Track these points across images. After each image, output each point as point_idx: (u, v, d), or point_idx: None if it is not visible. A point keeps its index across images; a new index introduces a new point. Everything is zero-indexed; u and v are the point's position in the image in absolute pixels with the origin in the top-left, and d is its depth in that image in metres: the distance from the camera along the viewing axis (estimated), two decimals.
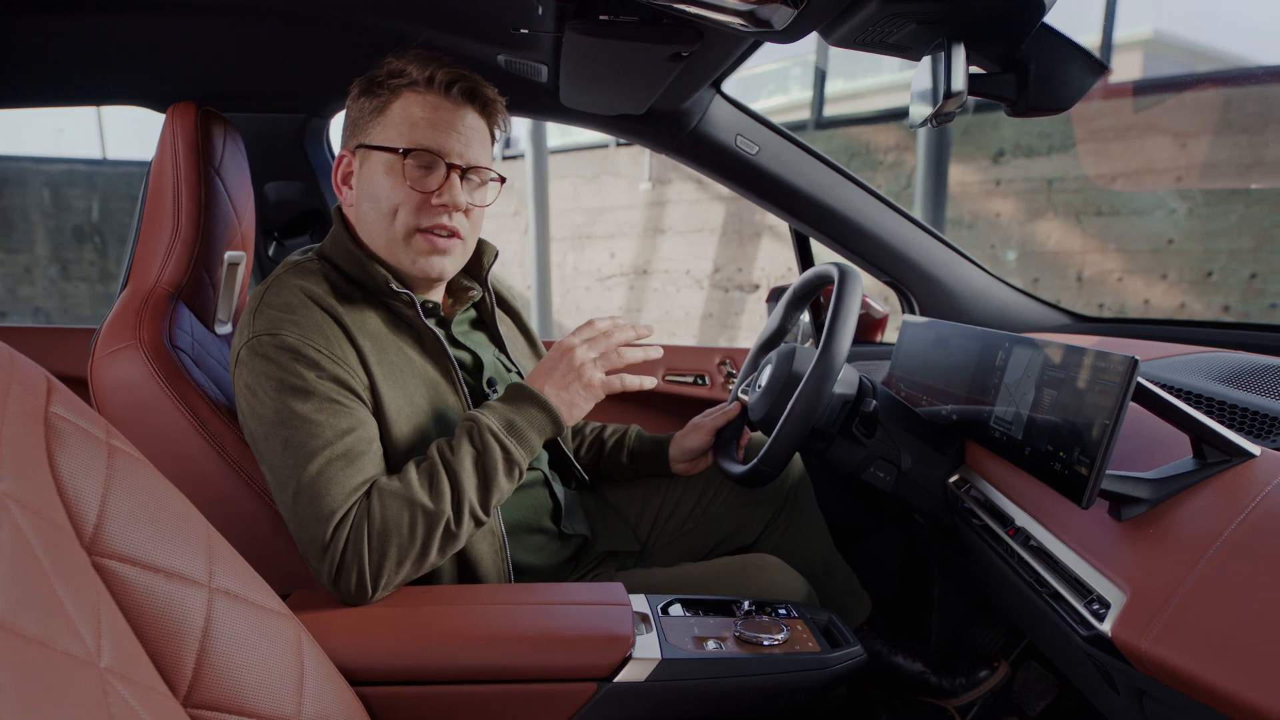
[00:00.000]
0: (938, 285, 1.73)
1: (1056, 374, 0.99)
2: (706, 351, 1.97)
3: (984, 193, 5.47)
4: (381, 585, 0.99)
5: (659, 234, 7.09)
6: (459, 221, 1.15)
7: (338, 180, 1.19)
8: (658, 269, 7.12)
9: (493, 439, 1.05)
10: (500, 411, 1.08)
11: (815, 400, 1.20)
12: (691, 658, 0.93)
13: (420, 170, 1.12)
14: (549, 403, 1.09)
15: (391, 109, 1.12)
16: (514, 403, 1.09)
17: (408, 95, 1.12)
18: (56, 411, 0.72)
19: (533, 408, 1.09)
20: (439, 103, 1.12)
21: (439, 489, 1.01)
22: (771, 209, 1.73)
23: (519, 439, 1.07)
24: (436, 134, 1.11)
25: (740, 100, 1.63)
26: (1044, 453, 0.97)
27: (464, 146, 1.13)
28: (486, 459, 1.04)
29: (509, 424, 1.07)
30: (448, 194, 1.12)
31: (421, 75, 1.11)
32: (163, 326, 1.14)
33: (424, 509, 1.00)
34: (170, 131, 1.21)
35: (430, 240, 1.13)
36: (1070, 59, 1.01)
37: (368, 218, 1.15)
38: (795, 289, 1.48)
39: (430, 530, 1.00)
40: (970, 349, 1.23)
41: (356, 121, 1.16)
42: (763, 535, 1.47)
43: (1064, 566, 0.90)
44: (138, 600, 0.71)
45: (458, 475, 1.02)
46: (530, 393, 1.09)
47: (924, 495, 1.26)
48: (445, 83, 1.12)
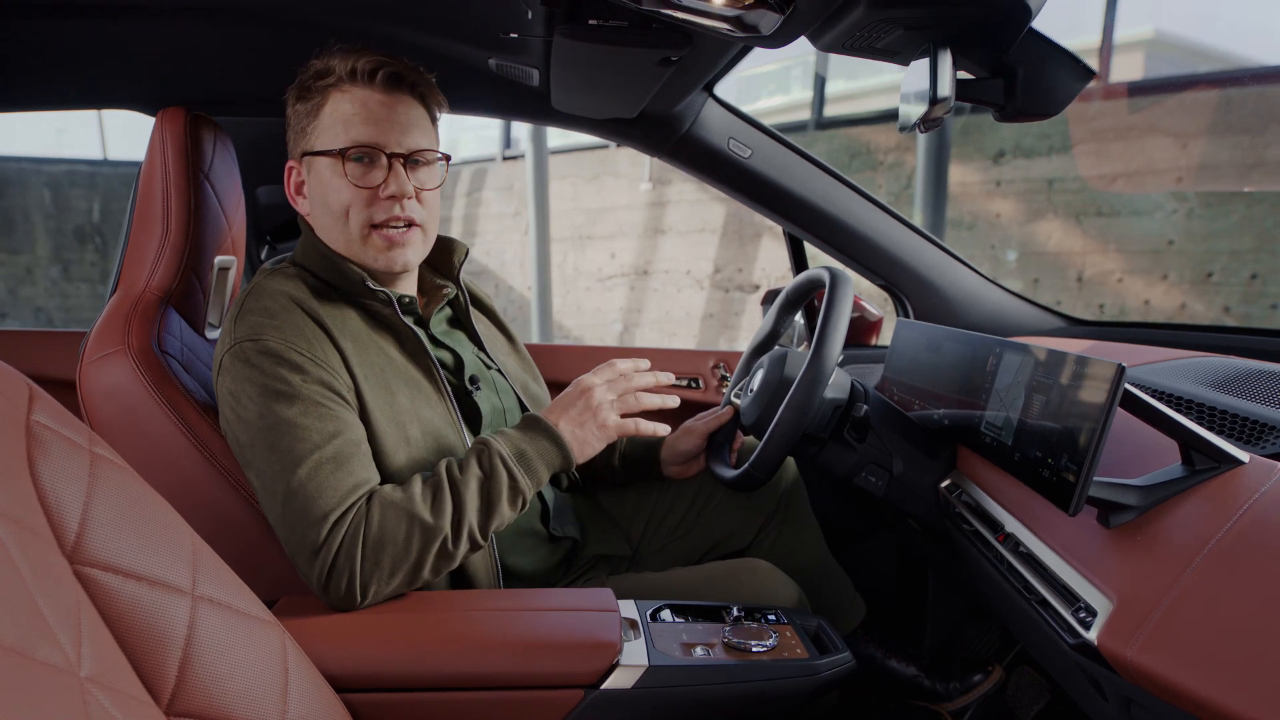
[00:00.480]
0: (931, 288, 1.73)
1: (1045, 379, 0.98)
2: (700, 354, 1.97)
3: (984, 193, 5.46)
4: (371, 594, 0.98)
5: (659, 234, 7.09)
6: (413, 210, 1.14)
7: (290, 191, 1.19)
8: (658, 269, 7.11)
9: (501, 465, 1.05)
10: (513, 439, 1.09)
11: (806, 405, 1.20)
12: (679, 664, 0.93)
13: (362, 167, 1.11)
14: (562, 438, 1.10)
15: (323, 112, 1.12)
16: (527, 432, 1.10)
17: (335, 95, 1.12)
18: (38, 419, 0.72)
19: (545, 440, 1.09)
20: (367, 95, 1.11)
21: (441, 506, 1.01)
22: (765, 212, 1.73)
23: (527, 469, 1.07)
24: (369, 127, 1.11)
25: (741, 101, 1.63)
26: (1033, 459, 0.97)
27: (401, 134, 1.12)
28: (493, 484, 1.04)
29: (519, 453, 1.07)
30: (394, 184, 1.11)
31: (345, 70, 1.11)
32: (151, 332, 1.14)
33: (423, 524, 0.99)
34: (160, 136, 1.21)
35: (387, 236, 1.13)
36: (1058, 64, 1.01)
37: (324, 224, 1.15)
38: (788, 293, 1.48)
39: (426, 546, 1.00)
40: (962, 353, 1.23)
41: (296, 129, 1.16)
42: (756, 539, 1.47)
43: (1052, 574, 0.90)
44: (120, 608, 0.71)
45: (461, 496, 1.02)
46: (545, 425, 1.10)
47: (916, 500, 1.25)
48: (368, 72, 1.11)
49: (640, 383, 1.15)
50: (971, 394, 1.17)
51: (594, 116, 1.56)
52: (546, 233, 6.74)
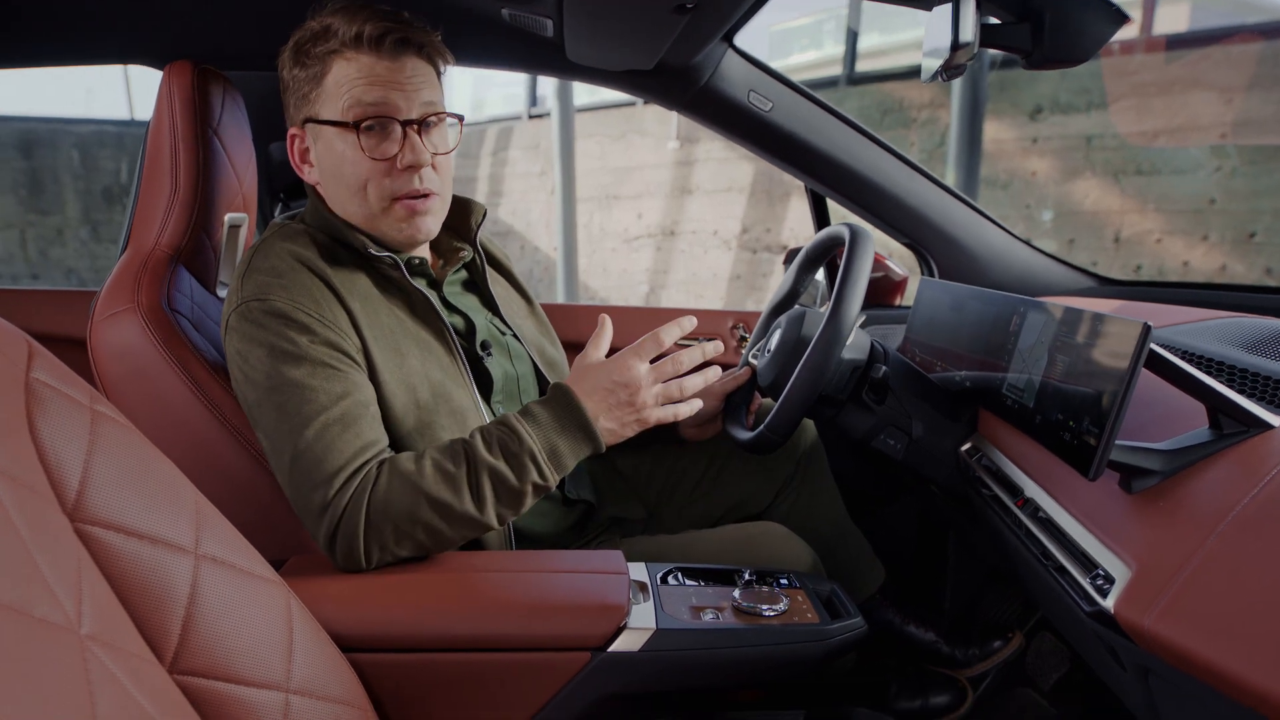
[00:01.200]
0: (957, 247, 1.68)
1: (1068, 340, 0.95)
2: (719, 315, 1.94)
3: (1020, 150, 5.34)
4: (375, 558, 0.98)
5: (686, 194, 7.01)
6: (429, 179, 1.12)
7: (295, 159, 1.15)
8: (685, 230, 7.05)
9: (531, 464, 0.99)
10: (546, 432, 1.01)
11: (823, 365, 1.17)
12: (687, 628, 0.92)
13: (375, 137, 1.08)
14: (596, 433, 1.03)
15: (327, 79, 1.08)
16: (562, 423, 1.02)
17: (338, 61, 1.07)
18: (38, 377, 0.71)
19: (580, 435, 1.02)
20: (373, 60, 1.07)
21: (457, 490, 0.97)
22: (786, 167, 1.69)
23: (557, 465, 1.02)
24: (380, 95, 1.07)
25: (772, 56, 1.59)
26: (1054, 422, 0.94)
27: (411, 98, 1.09)
28: (521, 477, 0.99)
29: (552, 450, 1.01)
30: (410, 154, 1.08)
31: (349, 34, 1.06)
32: (161, 290, 1.13)
33: (431, 501, 0.96)
34: (167, 91, 1.19)
35: (409, 206, 1.11)
36: (1088, 7, 0.96)
37: (339, 196, 1.12)
38: (807, 250, 1.44)
39: (430, 525, 0.97)
40: (985, 313, 1.20)
41: (296, 94, 1.11)
42: (774, 503, 1.45)
43: (1070, 540, 0.87)
44: (122, 566, 0.71)
45: (480, 484, 0.98)
46: (582, 418, 1.02)
47: (935, 464, 1.23)
48: (375, 37, 1.06)
49: (687, 363, 1.08)
50: (994, 355, 1.14)
51: (610, 68, 1.52)
52: (572, 192, 6.69)
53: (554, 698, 0.91)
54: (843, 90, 6.14)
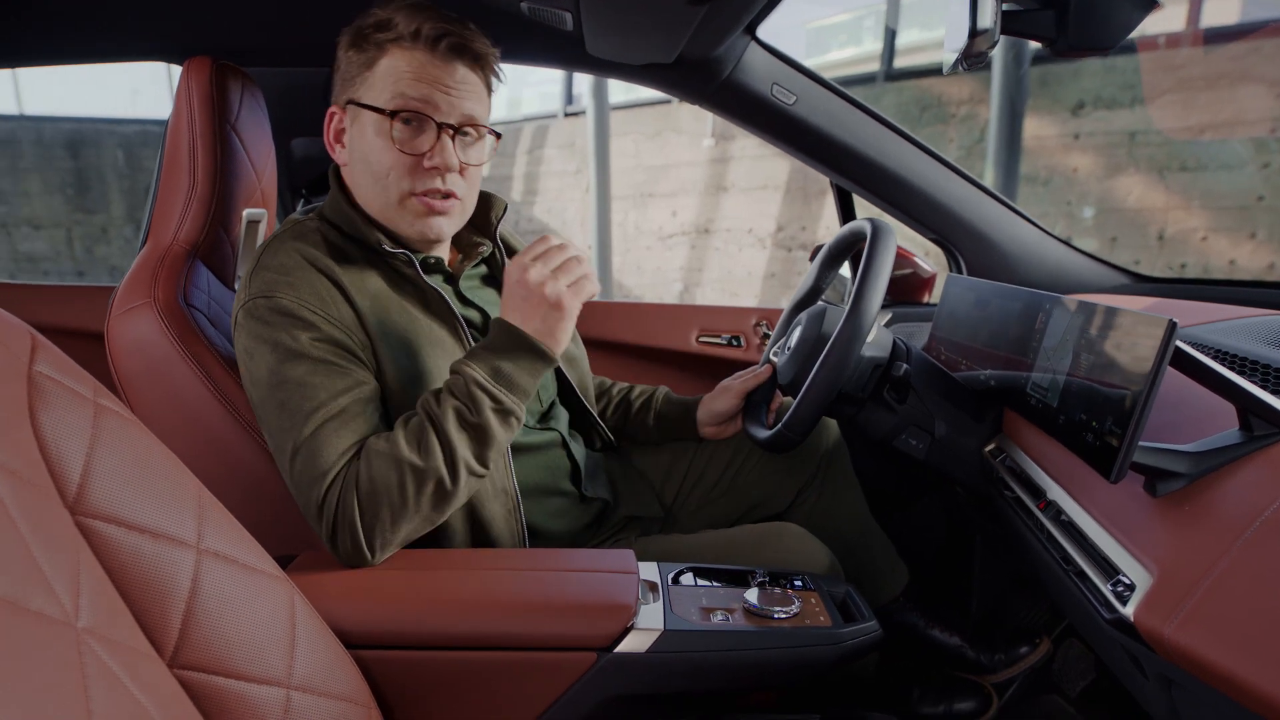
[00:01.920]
0: (987, 243, 1.64)
1: (1093, 338, 0.92)
2: (742, 312, 1.92)
3: (1061, 147, 5.24)
4: (378, 546, 0.97)
5: (721, 191, 6.98)
6: (454, 182, 1.11)
7: (329, 137, 1.16)
8: (720, 227, 7.02)
9: (480, 391, 0.99)
10: (483, 359, 1.01)
11: (842, 363, 1.15)
12: (695, 629, 0.90)
13: (409, 131, 1.08)
14: (531, 338, 1.01)
15: (378, 65, 1.08)
16: (495, 346, 1.02)
17: (394, 51, 1.08)
18: (40, 370, 0.71)
19: (516, 347, 1.01)
20: (427, 59, 1.07)
21: (428, 446, 0.97)
22: (810, 162, 1.66)
23: (508, 385, 1.01)
24: (424, 92, 1.07)
25: (810, 53, 1.56)
26: (1077, 422, 0.91)
27: (454, 104, 1.09)
28: (476, 410, 0.98)
29: (495, 371, 1.00)
30: (439, 155, 1.08)
31: (408, 29, 1.06)
32: (178, 285, 1.14)
33: (412, 467, 0.96)
34: (185, 87, 1.20)
35: (426, 203, 1.10)
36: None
37: (362, 181, 1.13)
38: (830, 246, 1.42)
39: (420, 488, 0.97)
40: (1010, 310, 1.17)
41: (346, 76, 1.12)
42: (795, 503, 1.43)
43: (1092, 544, 0.85)
44: (121, 560, 0.71)
45: (446, 431, 0.98)
46: (514, 331, 1.02)
47: (958, 464, 1.20)
48: (433, 37, 1.07)
49: (571, 250, 1.05)
50: (1019, 353, 1.11)
51: (630, 62, 1.51)
52: (607, 190, 6.69)
53: (560, 698, 0.90)
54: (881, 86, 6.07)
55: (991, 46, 0.93)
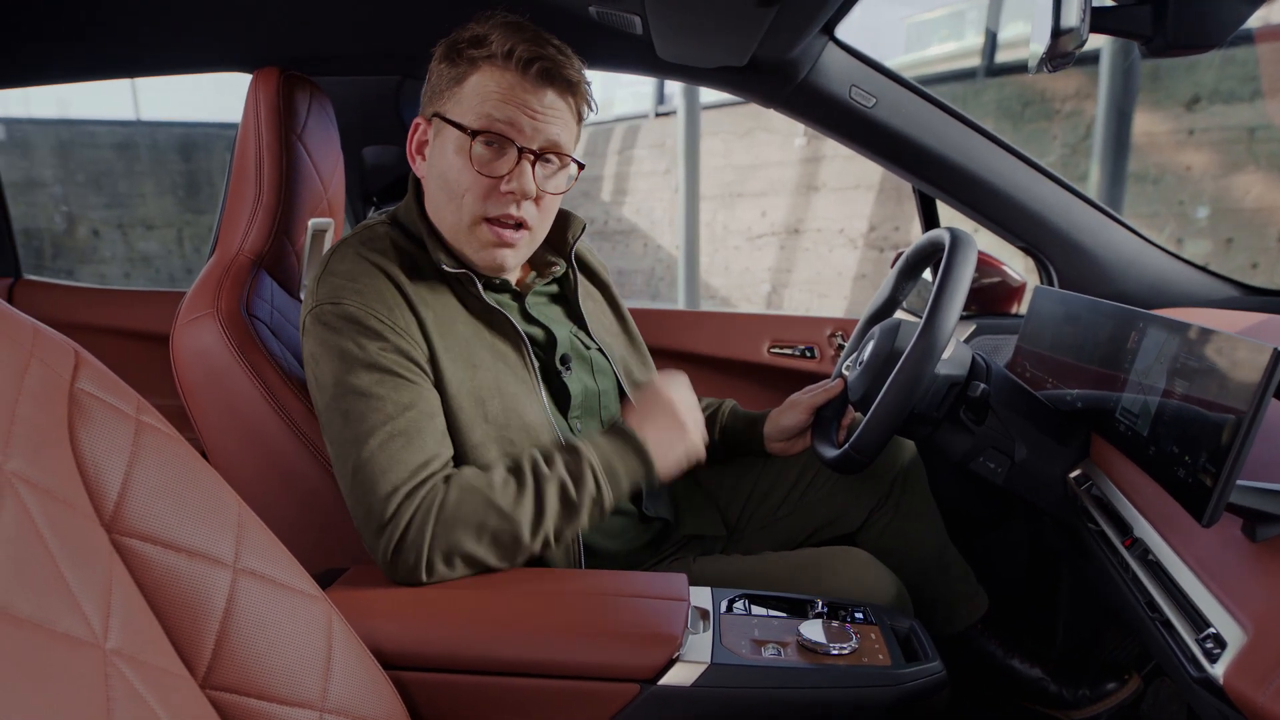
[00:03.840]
0: (1081, 252, 1.54)
1: (1189, 362, 0.85)
2: (816, 321, 1.85)
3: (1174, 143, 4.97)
4: (436, 573, 0.97)
5: (812, 191, 6.85)
6: (528, 211, 1.08)
7: (411, 148, 1.14)
8: (810, 228, 6.89)
9: (590, 475, 1.02)
10: (603, 450, 1.05)
11: (914, 382, 1.09)
12: (743, 664, 0.86)
13: (490, 153, 1.05)
14: (649, 456, 1.06)
15: (468, 82, 1.05)
16: (616, 444, 1.06)
17: (485, 69, 1.04)
18: (83, 387, 0.71)
19: (635, 458, 1.06)
20: (517, 81, 1.04)
21: (522, 500, 0.98)
22: (891, 167, 1.59)
23: (614, 484, 1.04)
24: (509, 114, 1.04)
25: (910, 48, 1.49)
26: (1169, 454, 0.84)
27: (539, 129, 1.05)
28: (580, 490, 1.01)
29: (609, 467, 1.04)
30: (516, 180, 1.05)
31: (502, 49, 1.03)
32: (241, 296, 1.15)
33: (500, 513, 0.97)
34: (253, 97, 1.21)
35: (496, 232, 1.08)
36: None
37: (437, 197, 1.11)
38: (907, 256, 1.35)
39: (497, 536, 0.97)
40: (1102, 327, 1.09)
41: (435, 88, 1.10)
42: (867, 523, 1.37)
43: (1181, 591, 0.77)
44: (157, 579, 0.71)
45: (544, 495, 0.99)
46: (634, 440, 1.06)
47: (1039, 490, 1.13)
48: (525, 60, 1.03)
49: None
50: (1109, 374, 1.03)
51: (702, 65, 1.46)
52: (696, 190, 6.64)
53: None
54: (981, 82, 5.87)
55: (1078, 47, 0.86)
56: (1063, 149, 5.39)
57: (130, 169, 7.74)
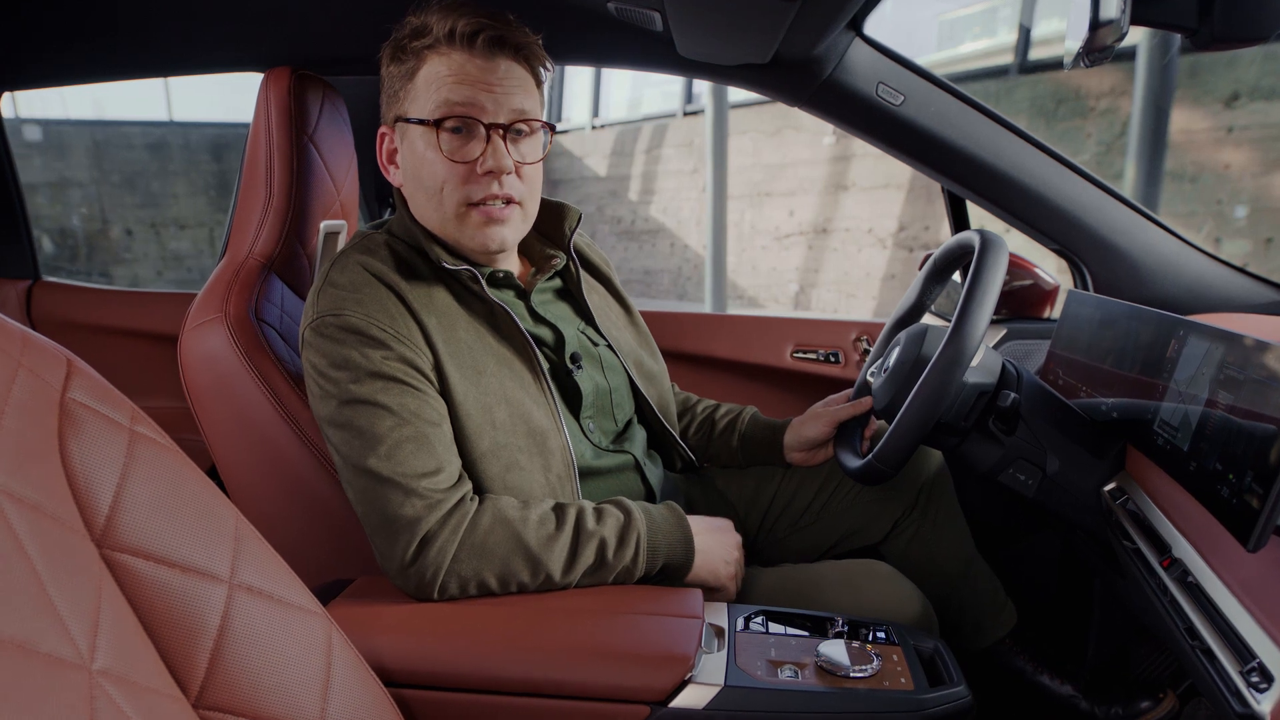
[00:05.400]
0: (1116, 254, 1.49)
1: (1234, 373, 0.80)
2: (841, 325, 1.80)
3: (1212, 141, 4.86)
4: (451, 591, 0.95)
5: (841, 190, 6.78)
6: (512, 186, 1.06)
7: (382, 159, 1.12)
8: (838, 227, 6.82)
9: (635, 544, 1.01)
10: (654, 523, 1.05)
11: (940, 391, 1.04)
12: (758, 687, 0.82)
13: (458, 139, 1.03)
14: (694, 545, 1.06)
15: (419, 75, 1.04)
16: (669, 525, 1.06)
17: (432, 58, 1.03)
18: (74, 397, 0.69)
19: (681, 545, 1.05)
20: (465, 58, 1.02)
21: (554, 546, 0.97)
22: (919, 166, 1.54)
23: (651, 558, 1.03)
24: (467, 94, 1.02)
25: (941, 45, 1.44)
26: (1211, 472, 0.79)
27: (501, 101, 1.03)
28: (620, 552, 1.00)
29: (653, 544, 1.03)
30: (491, 159, 1.03)
31: (443, 31, 1.01)
32: (249, 300, 1.13)
33: (529, 554, 0.96)
34: (264, 97, 1.19)
35: (485, 213, 1.05)
36: None
37: (418, 199, 1.09)
38: (935, 259, 1.31)
39: (522, 572, 0.97)
40: (1139, 334, 1.04)
41: (390, 92, 1.08)
42: (891, 534, 1.33)
43: (1223, 617, 0.73)
44: (149, 596, 0.68)
45: (580, 548, 0.99)
46: (688, 530, 1.06)
47: (1072, 504, 1.08)
48: (468, 34, 1.01)
49: None
50: (1146, 383, 0.99)
51: (724, 63, 1.43)
52: (723, 189, 6.59)
53: None
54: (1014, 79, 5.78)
55: (1118, 40, 0.81)
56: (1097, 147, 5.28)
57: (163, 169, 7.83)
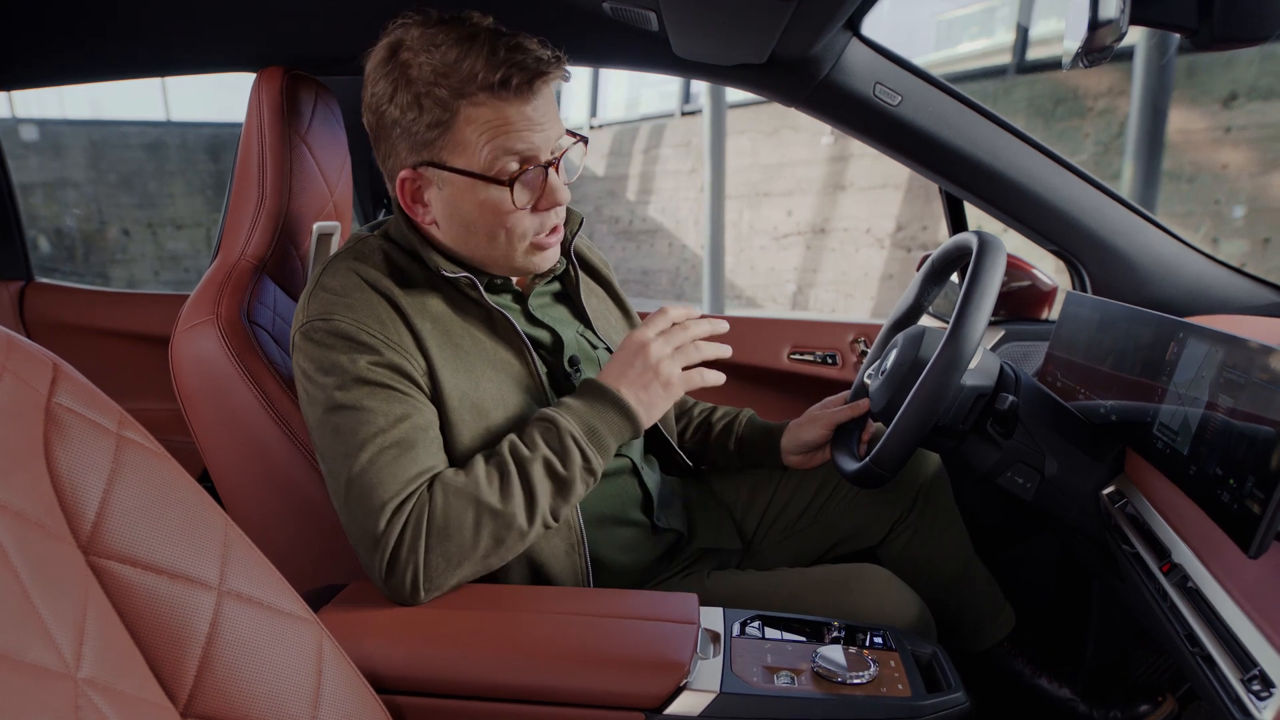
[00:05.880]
0: (1115, 255, 1.48)
1: (1235, 376, 0.79)
2: (839, 327, 1.79)
3: (1210, 141, 4.86)
4: (436, 585, 0.93)
5: (839, 190, 6.78)
6: (560, 214, 1.07)
7: (406, 199, 1.04)
8: (836, 227, 6.81)
9: (573, 444, 0.98)
10: (580, 414, 1.01)
11: (938, 393, 1.04)
12: (755, 693, 0.82)
13: (526, 188, 1.01)
14: (628, 405, 1.01)
15: (456, 125, 0.97)
16: (592, 403, 1.02)
17: (468, 108, 0.96)
18: (60, 402, 0.68)
19: (612, 411, 1.01)
20: (509, 105, 0.97)
21: (509, 490, 0.94)
22: (916, 167, 1.53)
23: (599, 445, 1.00)
24: (525, 144, 0.98)
25: (940, 45, 1.43)
26: (1211, 476, 0.78)
27: (549, 134, 1.01)
28: (567, 463, 0.97)
29: (590, 429, 1.00)
30: (554, 196, 1.02)
31: (474, 79, 0.95)
32: (242, 302, 1.12)
33: (491, 509, 0.93)
34: (256, 97, 1.18)
35: (539, 243, 1.06)
36: None
37: (468, 243, 1.06)
38: (933, 260, 1.30)
39: (495, 533, 0.94)
40: (1138, 336, 1.04)
41: (415, 137, 0.99)
42: (889, 537, 1.32)
43: (1224, 624, 0.72)
44: (137, 603, 0.67)
45: (530, 477, 0.95)
46: (610, 394, 1.02)
47: (1071, 508, 1.08)
48: (503, 81, 0.94)
49: (698, 331, 1.06)
50: (1145, 386, 0.98)
51: (720, 63, 1.42)
52: (721, 189, 6.59)
53: None
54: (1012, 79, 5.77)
55: (1117, 40, 0.80)
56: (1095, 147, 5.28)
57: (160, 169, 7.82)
